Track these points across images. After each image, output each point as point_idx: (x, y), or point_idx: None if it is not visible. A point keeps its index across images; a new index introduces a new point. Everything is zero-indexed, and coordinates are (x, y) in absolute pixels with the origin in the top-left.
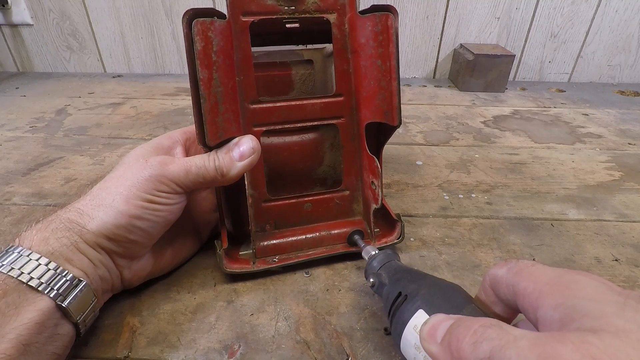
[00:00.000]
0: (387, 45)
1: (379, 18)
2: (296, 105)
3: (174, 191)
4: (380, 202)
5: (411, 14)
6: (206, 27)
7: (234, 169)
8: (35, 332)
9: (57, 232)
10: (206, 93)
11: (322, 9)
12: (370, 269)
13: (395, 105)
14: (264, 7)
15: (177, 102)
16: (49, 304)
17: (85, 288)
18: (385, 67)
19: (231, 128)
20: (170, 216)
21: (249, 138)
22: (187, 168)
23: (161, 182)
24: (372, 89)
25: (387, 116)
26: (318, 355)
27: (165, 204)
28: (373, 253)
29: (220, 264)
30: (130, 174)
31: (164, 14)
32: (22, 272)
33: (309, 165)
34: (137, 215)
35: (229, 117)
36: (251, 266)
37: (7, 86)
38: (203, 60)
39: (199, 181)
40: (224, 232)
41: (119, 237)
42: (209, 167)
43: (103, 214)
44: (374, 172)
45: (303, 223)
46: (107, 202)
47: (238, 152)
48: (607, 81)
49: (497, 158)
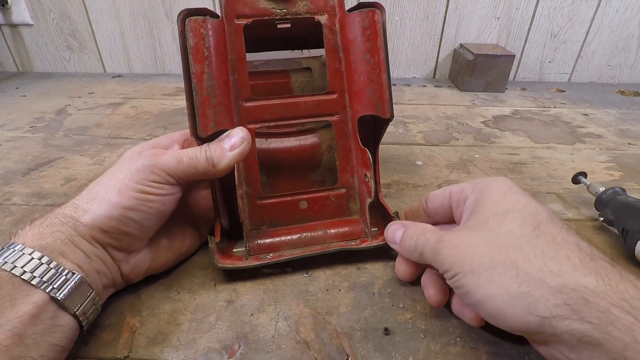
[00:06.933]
0: (375, 40)
1: (366, 14)
2: (290, 103)
3: (166, 181)
4: (374, 195)
5: (411, 14)
6: (199, 25)
7: (225, 159)
8: (31, 324)
9: (52, 227)
10: (198, 86)
11: (312, 11)
12: (599, 203)
13: (386, 98)
14: (257, 10)
15: (177, 102)
16: (43, 296)
17: (79, 281)
18: (374, 61)
19: (223, 121)
20: (162, 207)
21: (240, 129)
22: (179, 158)
23: (153, 172)
24: (362, 83)
25: (379, 109)
26: (318, 355)
27: (158, 194)
28: (601, 190)
29: (212, 258)
30: (124, 167)
31: (164, 14)
32: (15, 266)
33: (306, 167)
34: (130, 206)
35: (221, 111)
36: (243, 262)
37: (7, 86)
38: (195, 55)
39: (191, 171)
40: (218, 227)
41: (113, 230)
42: (201, 157)
43: (96, 207)
44: (366, 165)
45: (299, 222)
46: (101, 195)
47: (229, 143)
48: (607, 81)
49: (497, 158)
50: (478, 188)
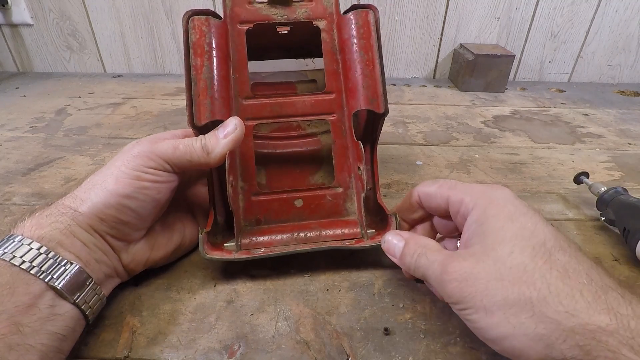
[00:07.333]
0: (368, 37)
1: (359, 14)
2: (287, 101)
3: (162, 168)
4: (366, 188)
5: (411, 14)
6: (201, 23)
7: (219, 146)
8: (29, 313)
9: (50, 217)
10: (197, 78)
11: (311, 17)
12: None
13: (379, 93)
14: (259, 17)
15: (177, 102)
16: (41, 285)
17: (78, 270)
18: (367, 57)
19: (220, 112)
20: (158, 195)
21: (233, 118)
22: (175, 145)
23: (149, 157)
24: (356, 80)
25: (373, 103)
26: (318, 355)
27: (154, 180)
28: (602, 189)
29: (201, 248)
30: (121, 155)
31: (164, 14)
32: (14, 256)
33: (306, 171)
34: (126, 193)
35: (219, 103)
36: (233, 255)
37: (7, 86)
38: (196, 50)
39: (186, 158)
40: (211, 217)
41: (110, 218)
42: (196, 145)
43: (94, 195)
44: (359, 157)
45: (294, 220)
46: (99, 184)
47: (223, 132)
48: (607, 81)
49: (497, 158)
50: (480, 205)
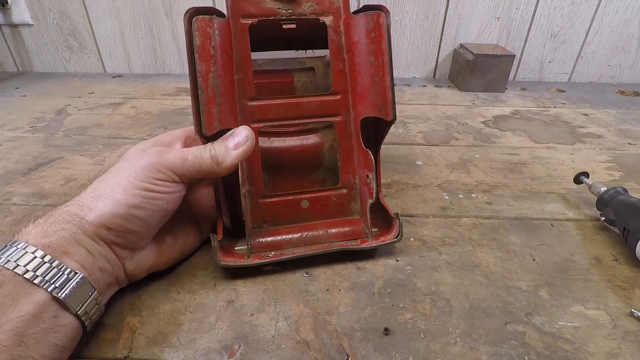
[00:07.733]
0: (380, 42)
1: (371, 16)
2: (293, 103)
3: (171, 179)
4: (375, 196)
5: (411, 14)
6: (205, 24)
7: (229, 157)
8: (32, 324)
9: (56, 225)
10: (204, 85)
11: (318, 12)
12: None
13: (389, 100)
14: (263, 10)
15: (177, 102)
16: (44, 296)
17: (81, 280)
18: (378, 63)
19: (227, 120)
20: (167, 205)
21: (244, 128)
22: (183, 156)
23: (158, 169)
24: (366, 85)
25: (382, 111)
26: (318, 355)
27: (163, 192)
28: (603, 189)
29: (215, 256)
30: (129, 164)
31: (164, 14)
32: (17, 265)
33: (308, 167)
34: (135, 204)
35: (226, 109)
36: (245, 260)
37: (7, 86)
38: (202, 54)
39: (195, 169)
40: (220, 225)
41: (118, 227)
42: (205, 156)
43: (102, 205)
44: (368, 166)
45: (300, 221)
46: (106, 193)
47: (233, 142)
48: (607, 81)
49: (497, 158)
50: None
